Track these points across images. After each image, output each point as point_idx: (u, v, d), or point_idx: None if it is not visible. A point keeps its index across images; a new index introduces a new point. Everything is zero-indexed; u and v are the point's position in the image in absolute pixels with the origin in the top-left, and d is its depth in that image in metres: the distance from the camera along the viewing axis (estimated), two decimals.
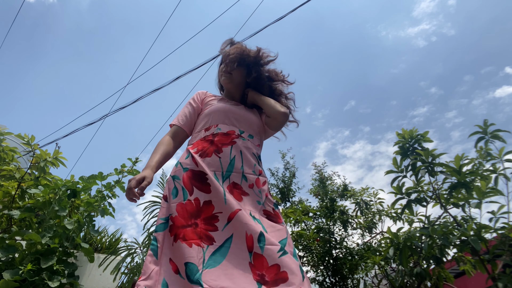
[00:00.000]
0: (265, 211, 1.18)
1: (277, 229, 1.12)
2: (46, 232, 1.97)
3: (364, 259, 3.78)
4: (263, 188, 1.23)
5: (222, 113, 1.41)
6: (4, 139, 2.42)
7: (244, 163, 1.25)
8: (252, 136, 1.38)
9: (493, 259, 2.09)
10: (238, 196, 1.17)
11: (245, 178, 1.22)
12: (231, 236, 1.07)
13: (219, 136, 1.32)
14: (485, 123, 2.46)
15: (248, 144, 1.32)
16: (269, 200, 1.22)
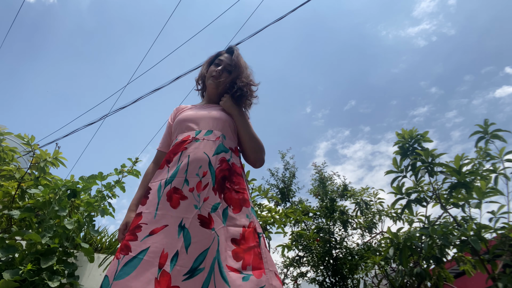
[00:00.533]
0: (199, 215, 1.17)
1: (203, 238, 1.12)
2: (46, 232, 1.97)
3: (364, 259, 3.78)
4: (205, 191, 1.22)
5: (181, 123, 1.45)
6: (4, 139, 2.42)
7: (190, 167, 1.26)
8: (210, 131, 1.38)
9: (493, 259, 2.09)
10: (176, 202, 1.19)
11: (187, 182, 1.23)
12: (147, 248, 1.09)
13: (174, 147, 1.36)
14: (486, 123, 2.46)
15: (201, 145, 1.32)
16: (208, 204, 1.20)
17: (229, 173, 1.31)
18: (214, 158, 1.30)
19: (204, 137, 1.36)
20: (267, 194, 2.99)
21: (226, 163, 1.32)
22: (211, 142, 1.34)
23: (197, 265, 1.07)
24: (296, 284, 4.72)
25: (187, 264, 1.07)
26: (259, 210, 2.93)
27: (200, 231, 1.13)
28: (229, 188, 1.27)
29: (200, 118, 1.43)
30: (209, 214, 1.18)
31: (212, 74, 1.54)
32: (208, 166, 1.27)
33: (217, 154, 1.32)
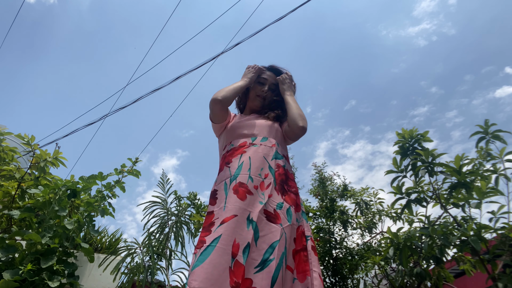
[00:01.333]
0: (265, 211, 1.21)
1: (271, 231, 1.16)
2: (46, 232, 1.97)
3: (364, 259, 3.78)
4: (268, 190, 1.27)
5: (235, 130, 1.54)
6: (4, 139, 2.42)
7: (252, 166, 1.32)
8: (266, 138, 1.46)
9: (493, 259, 2.09)
10: (243, 194, 1.23)
11: (251, 179, 1.29)
12: (219, 236, 1.11)
13: (231, 151, 1.44)
14: (486, 123, 2.46)
15: (259, 149, 1.40)
16: (272, 201, 1.25)
17: (285, 178, 1.39)
18: (273, 162, 1.37)
19: (261, 143, 1.43)
20: None
21: (282, 168, 1.40)
22: (268, 148, 1.42)
23: (267, 256, 1.09)
24: None
25: (258, 257, 1.09)
26: None
27: (266, 225, 1.17)
28: (287, 191, 1.33)
29: (254, 126, 1.52)
30: (275, 210, 1.22)
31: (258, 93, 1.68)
32: (268, 169, 1.34)
33: (275, 159, 1.39)
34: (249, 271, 1.06)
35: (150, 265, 2.59)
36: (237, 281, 1.02)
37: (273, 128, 1.52)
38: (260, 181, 1.29)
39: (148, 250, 2.71)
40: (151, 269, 2.56)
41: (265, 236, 1.14)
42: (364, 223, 4.27)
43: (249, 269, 1.06)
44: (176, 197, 3.30)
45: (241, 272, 1.04)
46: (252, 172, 1.30)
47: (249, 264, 1.07)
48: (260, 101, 1.67)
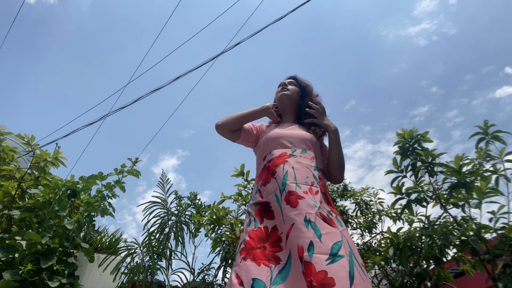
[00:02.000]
0: (320, 213, 1.22)
1: (332, 231, 1.16)
2: (46, 232, 1.97)
3: (364, 259, 3.78)
4: (316, 196, 1.30)
5: (274, 140, 1.56)
6: (4, 139, 2.42)
7: (297, 175, 1.35)
8: (305, 151, 1.49)
9: (493, 259, 2.09)
10: (295, 201, 1.25)
11: (299, 186, 1.32)
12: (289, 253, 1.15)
13: (273, 161, 1.46)
14: (486, 124, 2.46)
15: (300, 160, 1.43)
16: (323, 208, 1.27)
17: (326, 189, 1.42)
18: (316, 173, 1.41)
19: (301, 155, 1.46)
20: None
21: (322, 181, 1.43)
22: (308, 160, 1.45)
23: (336, 252, 1.09)
24: None
25: (325, 251, 1.08)
26: None
27: (325, 225, 1.17)
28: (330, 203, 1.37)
29: (293, 137, 1.54)
30: (328, 215, 1.24)
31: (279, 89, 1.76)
32: (313, 177, 1.37)
33: (316, 170, 1.43)
34: (320, 264, 1.04)
35: (150, 265, 2.59)
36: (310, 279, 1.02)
37: (313, 142, 1.55)
38: (308, 187, 1.32)
39: (148, 250, 2.71)
40: (151, 269, 2.56)
41: (328, 234, 1.14)
42: (364, 223, 4.27)
43: (319, 263, 1.05)
44: (177, 197, 3.30)
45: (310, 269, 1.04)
46: (298, 181, 1.33)
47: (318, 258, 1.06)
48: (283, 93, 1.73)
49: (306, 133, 1.59)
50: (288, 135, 1.56)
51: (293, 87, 1.76)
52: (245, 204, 2.88)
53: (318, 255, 1.07)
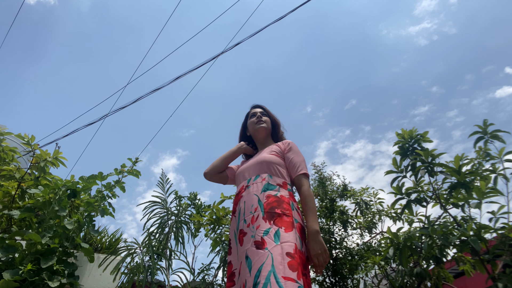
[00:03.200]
0: (255, 242, 1.36)
1: (259, 256, 1.28)
2: (46, 232, 1.97)
3: (364, 259, 3.78)
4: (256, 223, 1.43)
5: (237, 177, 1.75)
6: (4, 139, 2.42)
7: (246, 210, 1.51)
8: (258, 175, 1.61)
9: (493, 259, 2.09)
10: (241, 239, 1.44)
11: (245, 221, 1.49)
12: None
13: (234, 199, 1.65)
14: (485, 123, 2.46)
15: (251, 189, 1.57)
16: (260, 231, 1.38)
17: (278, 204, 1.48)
18: (262, 195, 1.52)
19: (254, 182, 1.60)
20: None
21: (273, 197, 1.51)
22: (259, 184, 1.57)
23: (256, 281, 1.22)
24: None
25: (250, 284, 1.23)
26: None
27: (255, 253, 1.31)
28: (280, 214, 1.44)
29: (249, 167, 1.68)
30: (262, 238, 1.36)
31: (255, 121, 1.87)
32: (257, 203, 1.49)
33: (264, 191, 1.53)
34: None
35: (150, 265, 2.59)
36: None
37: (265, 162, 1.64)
38: (251, 217, 1.46)
39: (148, 250, 2.71)
40: (151, 269, 2.56)
41: (255, 263, 1.27)
42: (364, 223, 4.27)
43: None
44: (177, 197, 3.30)
45: None
46: (246, 215, 1.50)
47: None
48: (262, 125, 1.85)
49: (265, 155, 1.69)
50: (248, 166, 1.70)
51: (267, 118, 1.88)
52: None
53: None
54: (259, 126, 1.83)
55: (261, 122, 1.84)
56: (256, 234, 1.37)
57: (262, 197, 1.50)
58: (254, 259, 1.28)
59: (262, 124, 1.84)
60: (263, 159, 1.66)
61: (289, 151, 1.71)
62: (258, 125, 1.84)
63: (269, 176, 1.59)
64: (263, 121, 1.85)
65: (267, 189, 1.53)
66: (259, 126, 1.83)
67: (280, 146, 1.75)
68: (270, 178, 1.58)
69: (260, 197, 1.50)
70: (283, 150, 1.72)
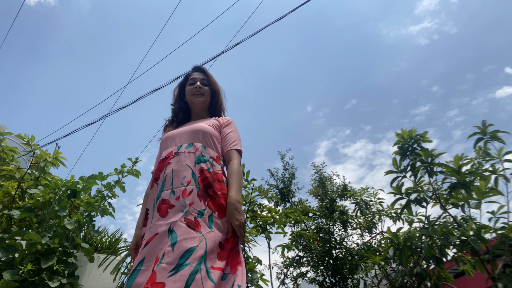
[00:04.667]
0: (186, 219, 1.25)
1: (190, 237, 1.19)
2: (46, 232, 1.97)
3: (364, 259, 3.78)
4: (190, 197, 1.31)
5: (165, 141, 1.56)
6: (4, 139, 2.42)
7: (174, 179, 1.37)
8: (191, 144, 1.47)
9: (493, 259, 2.09)
10: (165, 211, 1.29)
11: (173, 192, 1.33)
12: (143, 259, 1.18)
13: (158, 165, 1.48)
14: (484, 124, 2.46)
15: (182, 157, 1.42)
16: (193, 209, 1.28)
17: (211, 181, 1.38)
18: (196, 168, 1.40)
19: (185, 150, 1.45)
20: (267, 194, 2.99)
21: (206, 172, 1.39)
22: (192, 154, 1.44)
23: (183, 261, 1.12)
24: (296, 284, 4.72)
25: (173, 261, 1.11)
26: (259, 210, 2.93)
27: (186, 230, 1.21)
28: (212, 196, 1.34)
29: (181, 133, 1.53)
30: (195, 218, 1.26)
31: (194, 92, 1.67)
32: (191, 176, 1.37)
33: (197, 163, 1.41)
34: (163, 275, 1.08)
35: None
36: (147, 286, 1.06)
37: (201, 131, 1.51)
38: (182, 189, 1.33)
39: None
40: None
41: (183, 241, 1.17)
42: (364, 223, 4.27)
43: (162, 273, 1.09)
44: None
45: (151, 277, 1.08)
46: (174, 185, 1.35)
47: (163, 268, 1.10)
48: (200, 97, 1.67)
49: (199, 124, 1.55)
50: (180, 132, 1.54)
51: (206, 89, 1.69)
52: (245, 204, 2.88)
53: (164, 265, 1.11)
54: (196, 99, 1.67)
55: (199, 94, 1.66)
56: (189, 211, 1.26)
57: (196, 170, 1.38)
58: (183, 236, 1.18)
59: (199, 97, 1.66)
60: (199, 127, 1.52)
61: (226, 126, 1.61)
62: (196, 97, 1.66)
63: (203, 147, 1.46)
64: (202, 93, 1.66)
65: (200, 161, 1.41)
66: (196, 99, 1.66)
67: (219, 121, 1.63)
68: (204, 150, 1.46)
69: (194, 170, 1.38)
70: (221, 125, 1.61)
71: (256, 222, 2.90)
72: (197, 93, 1.67)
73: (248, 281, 2.37)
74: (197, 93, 1.67)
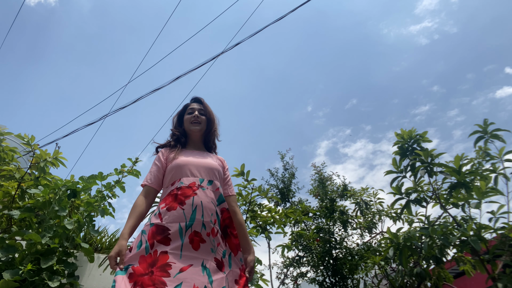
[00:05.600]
0: (215, 258, 1.41)
1: (220, 277, 1.37)
2: (46, 232, 1.97)
3: (364, 259, 3.78)
4: (217, 237, 1.47)
5: (184, 167, 1.61)
6: (4, 139, 2.42)
7: (204, 212, 1.46)
8: (211, 181, 1.58)
9: (493, 259, 2.09)
10: (197, 244, 1.40)
11: (204, 226, 1.44)
12: (180, 283, 1.27)
13: (182, 190, 1.52)
14: (485, 123, 2.46)
15: (207, 193, 1.52)
16: (220, 249, 1.47)
17: (229, 221, 1.60)
18: (219, 208, 1.54)
19: (208, 186, 1.55)
20: (267, 194, 2.99)
21: (226, 212, 1.59)
22: (214, 192, 1.55)
23: None
24: (296, 284, 4.72)
25: None
26: (259, 210, 2.94)
27: (216, 272, 1.38)
28: (229, 235, 1.54)
29: (201, 166, 1.62)
30: (221, 258, 1.45)
31: (192, 120, 1.80)
32: (216, 215, 1.50)
33: (219, 204, 1.56)
34: None
35: None
36: None
37: (217, 171, 1.65)
38: (211, 227, 1.45)
39: None
40: None
41: (217, 280, 1.35)
42: (364, 223, 4.27)
43: None
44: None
45: None
46: (205, 218, 1.45)
47: None
48: (197, 125, 1.79)
49: (212, 162, 1.68)
50: (197, 164, 1.63)
51: (203, 118, 1.81)
52: (245, 204, 2.88)
53: None
54: (194, 128, 1.79)
55: (197, 123, 1.80)
56: (217, 252, 1.45)
57: (219, 210, 1.54)
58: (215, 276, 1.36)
59: (197, 126, 1.80)
60: (215, 167, 1.65)
61: (226, 168, 1.80)
62: (194, 126, 1.79)
63: (220, 187, 1.62)
64: (199, 122, 1.80)
65: (221, 201, 1.57)
66: (194, 127, 1.79)
67: (222, 162, 1.79)
68: (221, 189, 1.62)
69: (218, 209, 1.53)
70: (224, 167, 1.77)
71: (256, 222, 2.90)
72: (195, 122, 1.79)
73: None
74: (194, 121, 1.79)
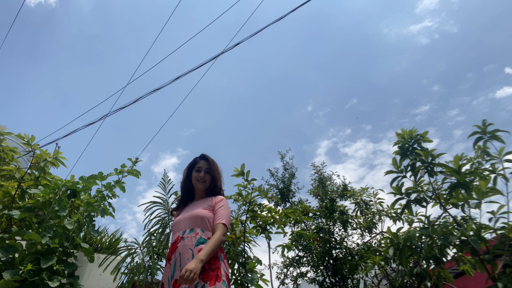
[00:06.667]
0: None
1: None
2: (46, 232, 1.97)
3: (364, 259, 3.78)
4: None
5: (175, 224, 1.94)
6: (4, 139, 2.42)
7: (182, 262, 1.73)
8: (192, 229, 1.83)
9: (493, 259, 2.09)
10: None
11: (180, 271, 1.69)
12: None
13: (171, 246, 1.85)
14: (484, 123, 2.46)
15: (186, 242, 1.78)
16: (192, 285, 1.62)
17: None
18: (196, 250, 1.74)
19: (188, 235, 1.81)
20: (267, 194, 2.99)
21: None
22: (193, 238, 1.79)
23: None
24: (296, 284, 4.72)
25: None
26: (259, 210, 2.94)
27: None
28: (207, 269, 1.68)
29: (185, 219, 1.89)
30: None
31: (198, 179, 2.09)
32: (191, 257, 1.71)
33: (197, 245, 1.76)
34: None
35: (150, 265, 2.59)
36: None
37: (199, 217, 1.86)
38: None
39: (148, 250, 2.71)
40: (151, 269, 2.56)
41: None
42: (364, 223, 4.27)
43: None
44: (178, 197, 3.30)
45: None
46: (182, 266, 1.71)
47: None
48: (203, 185, 2.08)
49: (199, 210, 1.90)
50: (185, 217, 1.90)
51: (208, 176, 2.10)
52: (245, 204, 2.89)
53: None
54: (199, 185, 2.08)
55: (202, 182, 2.08)
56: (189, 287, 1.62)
57: (195, 251, 1.73)
58: None
59: (202, 184, 2.08)
60: (197, 214, 1.88)
61: (218, 204, 1.96)
62: (199, 184, 2.08)
63: (202, 230, 1.82)
64: (204, 180, 2.08)
65: (199, 243, 1.76)
66: (199, 185, 2.08)
67: (212, 201, 1.98)
68: (203, 233, 1.81)
69: (194, 251, 1.73)
70: (214, 204, 1.95)
71: (256, 222, 2.90)
72: (201, 181, 2.09)
73: (248, 281, 2.37)
74: (200, 180, 2.09)
